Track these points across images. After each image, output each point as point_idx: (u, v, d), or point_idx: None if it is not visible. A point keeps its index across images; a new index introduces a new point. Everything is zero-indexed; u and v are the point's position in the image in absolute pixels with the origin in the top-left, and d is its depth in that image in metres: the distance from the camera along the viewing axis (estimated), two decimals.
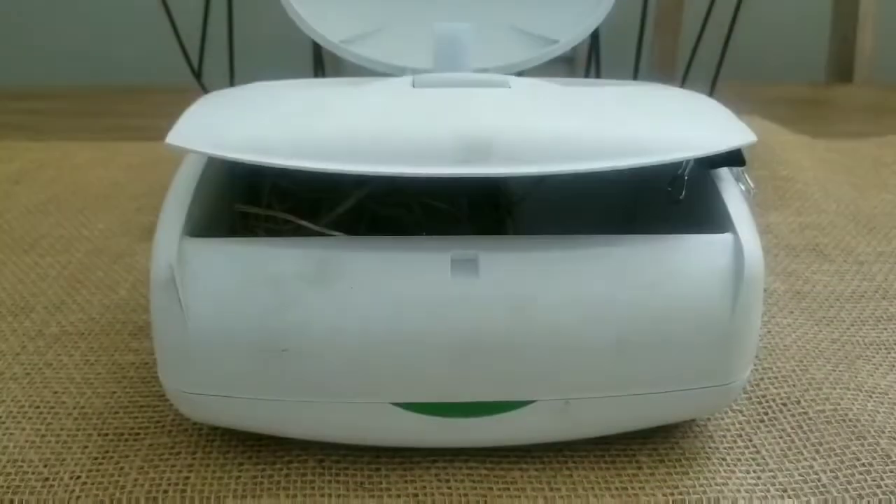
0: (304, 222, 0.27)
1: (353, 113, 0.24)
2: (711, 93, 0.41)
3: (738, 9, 0.40)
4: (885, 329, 0.34)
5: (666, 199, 0.27)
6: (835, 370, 0.31)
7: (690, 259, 0.24)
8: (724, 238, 0.25)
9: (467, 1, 0.32)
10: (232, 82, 0.41)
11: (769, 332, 0.34)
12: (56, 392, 0.30)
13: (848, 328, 0.34)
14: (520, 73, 0.34)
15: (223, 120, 0.25)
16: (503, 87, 0.26)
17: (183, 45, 0.40)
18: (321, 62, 0.41)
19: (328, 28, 0.32)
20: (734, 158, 0.26)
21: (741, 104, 0.55)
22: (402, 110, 0.24)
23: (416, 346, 0.23)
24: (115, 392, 0.30)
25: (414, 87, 0.26)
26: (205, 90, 0.41)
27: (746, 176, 0.27)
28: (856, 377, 0.31)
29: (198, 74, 0.41)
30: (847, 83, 0.69)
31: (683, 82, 0.41)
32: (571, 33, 0.32)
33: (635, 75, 0.41)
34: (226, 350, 0.24)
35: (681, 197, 0.27)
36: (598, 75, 0.38)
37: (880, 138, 0.53)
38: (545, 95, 0.26)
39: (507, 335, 0.23)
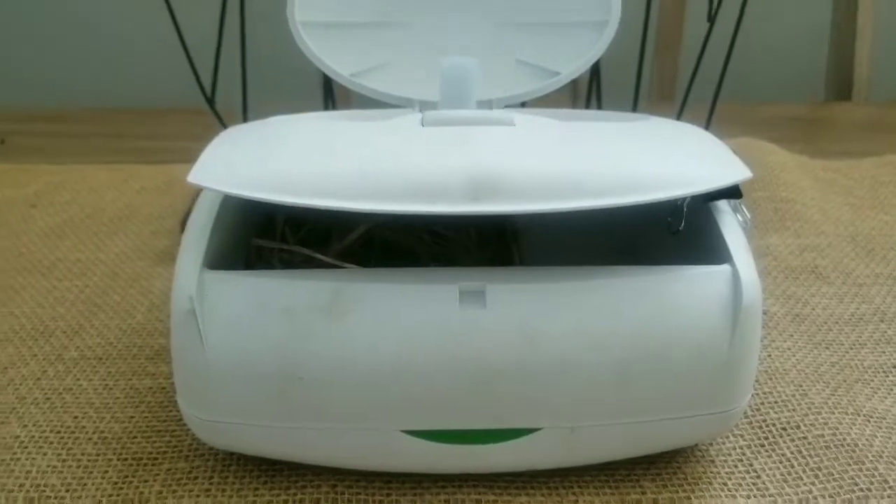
0: (318, 255, 0.28)
1: (366, 152, 0.25)
2: (711, 113, 0.42)
3: (737, 30, 0.41)
4: (884, 352, 0.35)
5: (666, 230, 0.28)
6: (834, 394, 0.32)
7: (690, 290, 0.25)
8: (723, 269, 0.26)
9: (472, 35, 0.33)
10: (244, 108, 0.42)
11: (769, 355, 0.34)
12: (76, 417, 0.31)
13: (847, 351, 0.35)
14: (523, 104, 0.35)
15: (241, 158, 0.26)
16: (508, 125, 0.27)
17: (196, 74, 0.41)
18: (331, 88, 0.42)
19: (338, 62, 0.33)
20: (731, 192, 0.27)
21: (740, 124, 0.56)
22: (413, 150, 0.25)
23: (425, 375, 0.24)
24: (133, 417, 0.31)
25: (423, 125, 0.27)
26: (217, 116, 0.42)
27: (743, 207, 0.28)
28: (854, 401, 0.32)
29: (211, 101, 0.42)
30: (846, 101, 0.69)
31: (684, 104, 0.42)
32: (573, 66, 0.33)
33: (636, 96, 0.42)
34: (243, 379, 0.25)
35: (680, 228, 0.28)
36: (599, 105, 0.39)
37: (878, 158, 0.54)
38: (548, 133, 0.27)
39: (513, 365, 0.24)
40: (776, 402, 0.31)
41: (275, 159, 0.25)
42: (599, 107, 0.40)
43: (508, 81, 0.33)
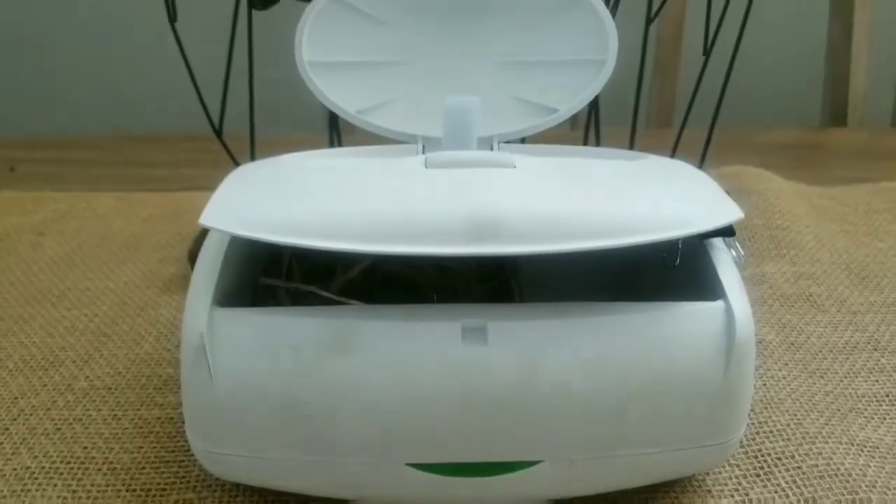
0: (324, 293, 0.29)
1: (371, 195, 0.26)
2: (707, 143, 0.43)
3: (734, 57, 0.41)
4: (877, 381, 0.36)
5: (662, 265, 0.29)
6: (828, 423, 0.33)
7: (685, 326, 0.26)
8: (717, 306, 0.27)
9: (473, 74, 0.34)
10: (252, 140, 0.43)
11: (765, 384, 0.35)
12: (86, 447, 0.32)
13: (841, 380, 0.36)
14: (523, 140, 0.36)
15: (250, 200, 0.26)
16: (509, 166, 0.28)
17: (205, 106, 0.42)
18: (336, 122, 0.43)
19: (344, 99, 0.34)
20: (725, 230, 0.27)
21: (737, 149, 0.57)
22: (416, 192, 0.26)
23: (429, 410, 0.25)
24: (141, 447, 0.32)
25: (427, 167, 0.28)
26: (226, 148, 0.43)
27: (737, 244, 0.29)
28: (848, 430, 0.32)
29: (219, 133, 0.43)
30: (841, 126, 0.71)
31: (680, 133, 0.43)
32: (571, 103, 0.34)
33: (633, 127, 0.43)
34: (250, 413, 0.26)
35: (675, 264, 0.29)
36: (598, 138, 0.40)
37: (873, 184, 0.55)
38: (547, 175, 0.28)
39: (514, 400, 0.25)
40: (771, 432, 0.32)
41: (283, 201, 0.26)
42: (598, 140, 0.40)
43: (509, 118, 0.34)
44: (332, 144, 0.43)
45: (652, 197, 0.27)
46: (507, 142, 0.34)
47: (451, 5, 0.33)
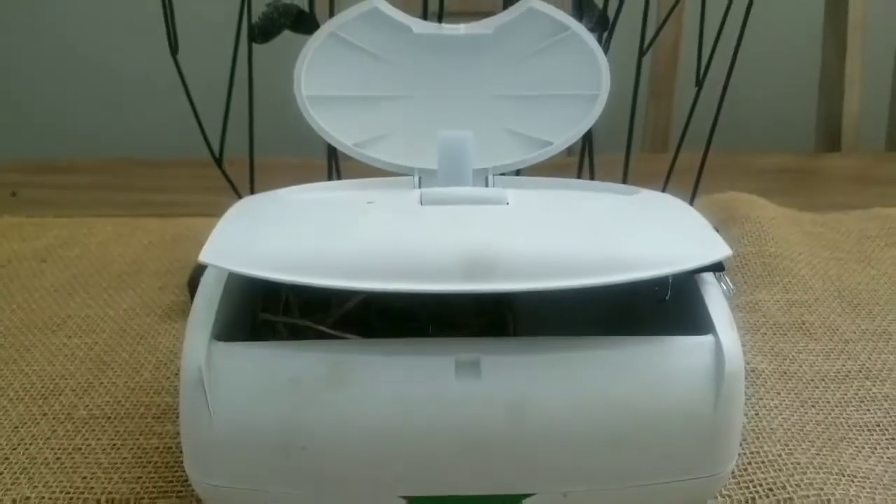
0: (321, 327, 0.29)
1: (367, 232, 0.26)
2: (701, 170, 0.43)
3: (725, 87, 0.42)
4: (868, 410, 0.36)
5: (653, 299, 0.30)
6: (819, 454, 0.33)
7: (675, 360, 0.27)
8: (706, 340, 0.27)
9: (469, 107, 0.35)
10: (251, 169, 0.44)
11: (756, 413, 0.35)
12: (85, 477, 0.32)
13: (833, 409, 0.36)
14: (518, 171, 0.37)
15: (250, 236, 0.27)
16: (502, 203, 0.28)
17: (206, 136, 0.42)
18: (335, 153, 0.43)
19: (342, 132, 0.35)
20: (714, 265, 0.28)
21: (731, 175, 0.58)
22: (412, 230, 0.26)
23: (423, 444, 0.25)
24: (140, 477, 0.32)
25: (422, 203, 0.28)
26: (227, 177, 0.44)
27: (727, 278, 0.29)
28: (839, 461, 0.33)
29: (219, 162, 0.44)
30: (835, 151, 0.71)
31: (673, 162, 0.43)
32: (565, 136, 0.35)
33: (627, 154, 0.44)
34: (248, 447, 0.26)
35: (666, 298, 0.29)
36: (591, 170, 0.41)
37: (865, 211, 0.55)
38: (541, 211, 0.28)
39: (508, 433, 0.26)
40: (763, 462, 0.32)
41: (280, 238, 0.27)
42: (591, 170, 0.41)
43: (503, 151, 0.35)
44: (330, 174, 0.43)
45: (643, 234, 0.27)
46: (502, 174, 0.35)
47: (447, 41, 0.34)
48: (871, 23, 0.73)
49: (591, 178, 0.41)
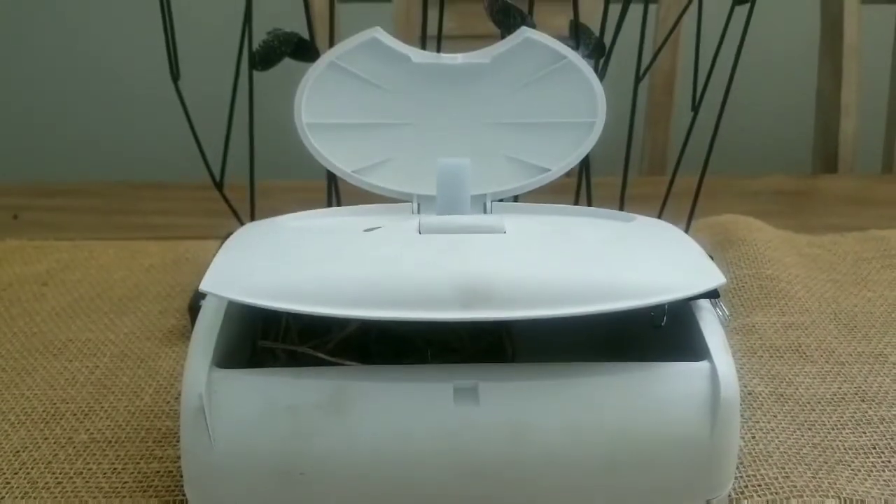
0: (320, 354, 0.30)
1: (366, 260, 0.27)
2: (697, 193, 0.44)
3: (721, 111, 0.43)
4: (864, 433, 0.36)
5: (649, 325, 0.30)
6: (815, 477, 0.33)
7: (671, 386, 0.27)
8: (702, 366, 0.27)
9: (467, 135, 0.35)
10: (252, 195, 0.44)
11: (753, 437, 0.36)
12: (86, 502, 0.32)
13: (829, 432, 0.36)
14: (516, 197, 0.37)
15: (249, 265, 0.27)
16: (499, 232, 0.29)
17: (207, 162, 0.43)
18: (335, 179, 0.44)
19: (341, 159, 0.35)
20: (709, 292, 0.28)
21: (728, 197, 0.58)
22: (409, 258, 0.27)
23: (421, 469, 0.26)
24: (141, 502, 0.32)
25: (420, 233, 0.29)
26: (227, 202, 0.44)
27: (722, 304, 0.30)
28: (835, 484, 0.33)
29: (220, 186, 0.44)
30: (832, 173, 0.72)
31: (670, 185, 0.44)
32: (562, 162, 0.35)
33: (624, 180, 0.44)
34: (248, 472, 0.26)
35: (662, 324, 0.30)
36: (589, 195, 0.41)
37: (862, 233, 0.56)
38: (538, 239, 0.29)
39: (505, 458, 0.26)
40: (759, 486, 0.33)
41: (280, 267, 0.27)
42: (589, 196, 0.42)
43: (501, 177, 0.35)
44: (330, 200, 0.44)
45: (638, 262, 0.28)
46: (501, 199, 0.36)
47: (446, 70, 0.35)
48: (867, 43, 0.74)
49: (589, 201, 0.42)
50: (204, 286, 0.26)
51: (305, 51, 0.41)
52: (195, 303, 0.42)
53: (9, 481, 0.33)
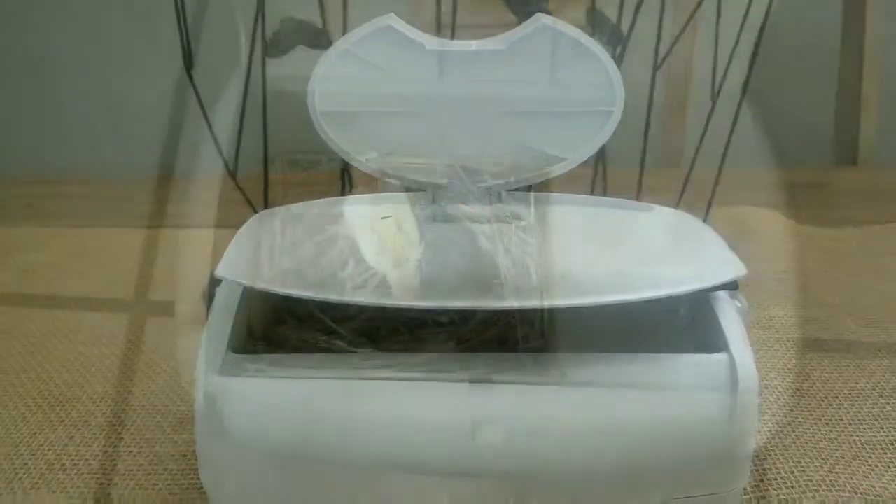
0: (335, 341, 0.30)
1: (380, 249, 0.27)
2: (715, 185, 0.43)
3: (740, 104, 0.42)
4: (882, 428, 0.36)
5: (666, 316, 0.30)
6: (832, 471, 0.33)
7: (689, 377, 0.27)
8: (720, 358, 0.27)
9: (482, 123, 0.35)
10: (265, 183, 0.44)
11: (770, 430, 0.35)
12: (102, 483, 0.32)
13: (846, 427, 0.36)
14: (529, 187, 0.37)
15: (265, 251, 0.27)
16: (515, 221, 0.29)
17: (221, 152, 0.43)
18: (347, 168, 0.44)
19: (355, 147, 0.35)
20: (728, 284, 0.28)
21: (747, 189, 0.58)
22: (423, 247, 0.27)
23: (436, 463, 0.26)
24: (156, 484, 0.32)
25: (434, 221, 0.29)
26: (241, 191, 0.44)
27: (741, 296, 0.29)
28: (852, 479, 0.32)
29: (233, 175, 0.44)
30: (852, 166, 0.71)
31: (687, 179, 0.43)
32: (578, 152, 0.35)
33: (641, 171, 0.44)
34: (261, 457, 0.26)
35: (680, 315, 0.29)
36: (605, 186, 0.41)
37: (881, 226, 0.55)
38: (553, 229, 0.29)
39: (523, 448, 0.26)
40: (776, 479, 0.32)
41: (295, 253, 0.27)
42: (605, 186, 0.41)
43: (515, 167, 0.35)
44: (343, 188, 0.44)
45: (657, 253, 0.27)
46: (515, 189, 0.35)
47: (460, 58, 0.34)
48: (889, 35, 0.73)
49: (605, 191, 0.41)
50: (219, 272, 0.26)
51: (319, 39, 0.40)
52: (210, 289, 0.42)
53: (26, 462, 0.33)
